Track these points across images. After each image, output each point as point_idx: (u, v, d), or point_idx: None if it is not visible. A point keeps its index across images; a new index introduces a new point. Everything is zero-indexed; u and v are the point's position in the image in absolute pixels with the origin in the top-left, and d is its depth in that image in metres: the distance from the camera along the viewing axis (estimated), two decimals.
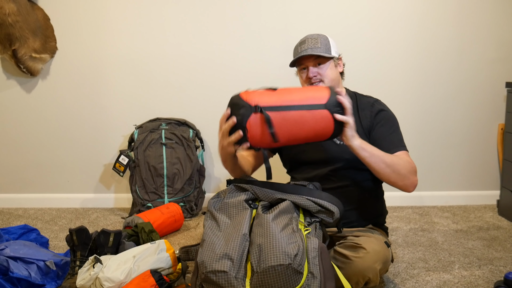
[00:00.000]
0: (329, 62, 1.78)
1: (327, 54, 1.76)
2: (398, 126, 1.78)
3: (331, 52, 1.79)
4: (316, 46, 1.77)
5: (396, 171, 1.59)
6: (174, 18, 2.74)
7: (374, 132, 1.73)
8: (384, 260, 1.59)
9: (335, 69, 1.81)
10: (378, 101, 1.82)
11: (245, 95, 1.48)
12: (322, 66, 1.77)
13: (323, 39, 1.81)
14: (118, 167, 2.68)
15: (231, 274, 1.35)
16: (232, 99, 1.50)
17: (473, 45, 2.73)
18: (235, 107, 1.47)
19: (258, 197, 1.58)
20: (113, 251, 1.81)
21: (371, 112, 1.75)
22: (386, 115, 1.77)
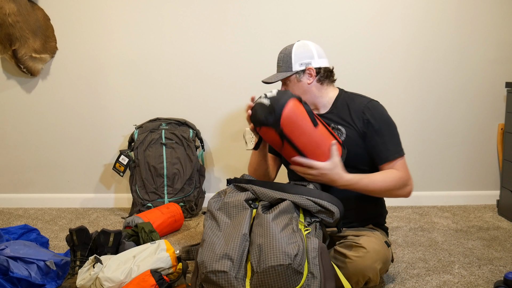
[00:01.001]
0: (292, 78, 1.79)
1: (281, 76, 1.79)
2: (392, 129, 1.75)
3: (291, 68, 1.78)
4: (279, 66, 1.82)
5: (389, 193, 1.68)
6: (174, 19, 2.74)
7: (368, 140, 1.72)
8: (384, 260, 1.59)
9: (299, 84, 1.79)
10: (370, 104, 1.76)
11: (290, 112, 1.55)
12: (287, 84, 1.82)
13: (285, 56, 1.80)
14: (118, 167, 2.68)
15: (231, 274, 1.35)
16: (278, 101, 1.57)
17: (473, 45, 2.73)
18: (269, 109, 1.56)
19: (258, 197, 1.58)
20: (113, 251, 1.81)
21: (363, 119, 1.72)
22: (379, 120, 1.72)
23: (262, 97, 1.60)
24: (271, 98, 1.57)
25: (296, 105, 1.57)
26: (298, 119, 1.56)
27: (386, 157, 1.69)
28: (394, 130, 1.75)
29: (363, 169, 1.72)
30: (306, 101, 1.78)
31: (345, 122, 1.74)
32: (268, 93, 1.60)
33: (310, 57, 1.78)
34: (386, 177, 1.65)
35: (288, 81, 1.80)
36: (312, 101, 1.80)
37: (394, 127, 1.75)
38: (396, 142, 1.73)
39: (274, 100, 1.56)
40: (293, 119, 1.55)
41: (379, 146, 1.70)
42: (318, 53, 1.81)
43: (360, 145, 1.71)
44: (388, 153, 1.69)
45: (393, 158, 1.69)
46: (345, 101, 1.79)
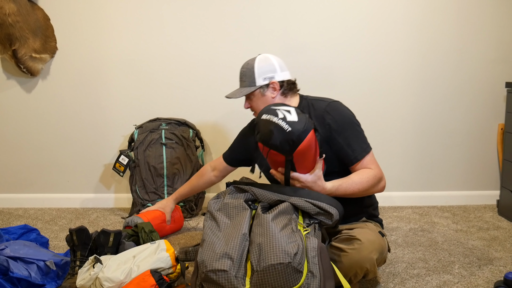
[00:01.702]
0: (256, 93, 1.81)
1: (245, 91, 1.81)
2: (355, 127, 1.74)
3: (255, 83, 1.80)
4: (242, 80, 1.84)
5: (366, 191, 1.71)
6: (174, 19, 2.74)
7: (333, 142, 1.72)
8: (380, 250, 1.59)
9: (263, 98, 1.81)
10: (329, 107, 1.76)
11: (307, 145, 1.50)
12: (251, 98, 1.84)
13: (248, 71, 1.82)
14: (118, 167, 2.68)
15: (231, 273, 1.36)
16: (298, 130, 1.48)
17: (473, 45, 2.73)
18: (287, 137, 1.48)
19: (257, 198, 1.58)
20: (113, 251, 1.81)
21: (324, 124, 1.73)
22: (339, 122, 1.72)
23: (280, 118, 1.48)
24: (291, 124, 1.47)
25: (313, 136, 1.52)
26: (310, 150, 1.52)
27: (354, 157, 1.71)
28: (357, 129, 1.75)
29: (335, 171, 1.74)
30: None
31: None
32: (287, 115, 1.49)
33: (273, 71, 1.80)
34: (362, 178, 1.68)
35: (252, 96, 1.83)
36: None
37: (356, 125, 1.76)
38: (361, 140, 1.74)
39: (294, 127, 1.47)
40: (306, 151, 1.51)
41: (345, 148, 1.71)
42: (280, 67, 1.83)
43: (326, 150, 1.72)
44: (355, 153, 1.71)
45: (361, 157, 1.71)
46: (305, 109, 1.80)
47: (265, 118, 1.51)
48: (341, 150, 1.72)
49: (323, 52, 2.72)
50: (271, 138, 1.48)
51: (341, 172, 1.73)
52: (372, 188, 1.71)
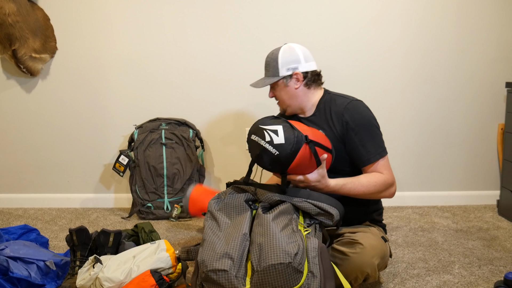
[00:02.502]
0: (279, 83, 1.79)
1: (268, 81, 1.79)
2: (373, 129, 1.72)
3: (278, 73, 1.77)
4: (266, 70, 1.82)
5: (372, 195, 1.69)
6: (174, 19, 2.74)
7: (348, 141, 1.71)
8: (381, 255, 1.59)
9: (286, 88, 1.78)
10: (350, 105, 1.74)
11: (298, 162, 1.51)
12: (275, 88, 1.82)
13: (272, 61, 1.79)
14: (118, 167, 2.68)
15: (231, 273, 1.35)
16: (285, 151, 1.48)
17: (473, 45, 2.73)
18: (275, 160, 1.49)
19: (258, 198, 1.58)
20: (113, 251, 1.81)
21: (342, 122, 1.72)
22: (358, 121, 1.71)
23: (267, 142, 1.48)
24: (278, 147, 1.47)
25: (305, 150, 1.50)
26: (305, 162, 1.52)
27: (367, 159, 1.69)
28: (374, 131, 1.73)
29: (344, 171, 1.73)
30: (292, 106, 1.81)
31: (326, 126, 1.75)
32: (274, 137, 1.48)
33: (296, 61, 1.77)
34: (370, 181, 1.66)
35: (276, 86, 1.81)
36: (299, 105, 1.81)
37: (375, 127, 1.73)
38: (377, 143, 1.71)
39: (282, 150, 1.46)
40: (300, 165, 1.51)
41: (359, 148, 1.70)
42: (305, 57, 1.79)
43: (340, 148, 1.71)
44: (368, 155, 1.69)
45: (374, 159, 1.69)
46: (327, 103, 1.79)
47: (254, 140, 1.53)
48: (355, 150, 1.70)
49: (323, 51, 2.71)
50: (262, 161, 1.51)
51: (351, 173, 1.72)
52: (380, 193, 1.69)
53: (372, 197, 1.71)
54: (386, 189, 1.70)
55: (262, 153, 1.50)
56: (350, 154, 1.72)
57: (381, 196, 1.72)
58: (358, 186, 1.64)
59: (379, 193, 1.69)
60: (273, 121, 1.54)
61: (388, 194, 1.72)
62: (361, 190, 1.65)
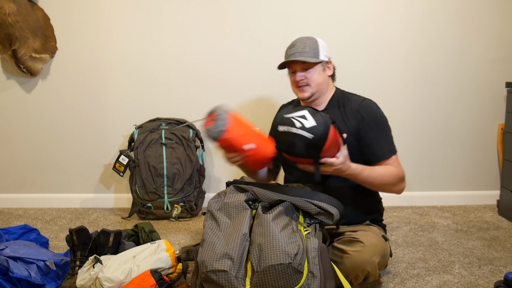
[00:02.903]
0: (317, 66, 1.78)
1: (313, 59, 1.76)
2: (386, 127, 1.77)
3: (319, 56, 1.78)
4: (304, 51, 1.77)
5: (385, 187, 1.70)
6: (174, 19, 2.74)
7: (363, 137, 1.73)
8: (382, 254, 1.59)
9: (323, 73, 1.79)
10: (365, 102, 1.78)
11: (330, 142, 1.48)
12: (309, 70, 1.78)
13: (312, 43, 1.79)
14: (118, 167, 2.68)
15: (231, 274, 1.35)
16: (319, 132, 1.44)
17: (473, 45, 2.73)
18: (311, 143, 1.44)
19: (258, 198, 1.58)
20: (113, 251, 1.81)
21: (357, 118, 1.74)
22: (373, 118, 1.75)
23: (299, 128, 1.44)
24: (311, 130, 1.43)
25: (332, 131, 1.47)
26: (335, 142, 1.50)
27: (381, 154, 1.72)
28: (387, 128, 1.78)
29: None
30: (320, 92, 1.80)
31: (339, 120, 1.76)
32: (305, 122, 1.44)
33: (328, 51, 1.83)
34: (386, 172, 1.68)
35: (312, 68, 1.77)
36: (323, 94, 1.82)
37: (387, 125, 1.78)
38: (390, 140, 1.76)
39: (316, 132, 1.43)
40: (331, 146, 1.49)
41: (374, 144, 1.72)
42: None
43: (353, 145, 1.72)
44: (383, 151, 1.72)
45: (388, 155, 1.72)
46: (341, 99, 1.81)
47: (283, 130, 1.47)
48: (369, 146, 1.72)
49: None
50: (295, 149, 1.45)
51: None
52: (392, 186, 1.70)
53: (384, 189, 1.71)
54: (399, 183, 1.72)
55: (295, 140, 1.44)
56: (364, 150, 1.73)
57: (392, 190, 1.72)
58: (374, 174, 1.65)
59: (392, 186, 1.70)
60: (295, 108, 1.50)
61: (398, 189, 1.73)
62: (378, 179, 1.66)
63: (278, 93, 2.75)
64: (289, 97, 2.05)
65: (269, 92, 2.78)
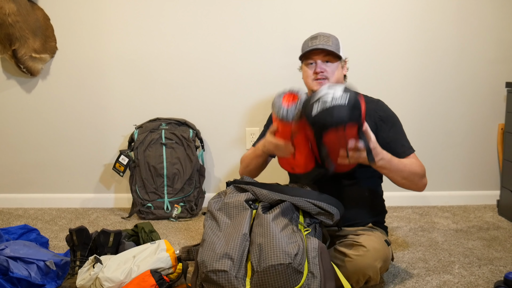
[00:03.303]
0: (338, 62, 1.82)
1: (337, 53, 1.80)
2: (401, 126, 1.81)
3: (340, 52, 1.82)
4: (327, 44, 1.79)
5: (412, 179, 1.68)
6: (174, 18, 2.74)
7: (382, 135, 1.72)
8: (384, 258, 1.59)
9: (341, 70, 1.84)
10: (381, 102, 1.83)
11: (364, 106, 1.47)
12: (330, 64, 1.80)
13: (334, 39, 1.84)
14: (118, 167, 2.68)
15: (231, 274, 1.35)
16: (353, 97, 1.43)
17: (473, 45, 2.73)
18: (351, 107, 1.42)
19: (258, 198, 1.58)
20: (113, 251, 1.81)
21: (375, 116, 1.75)
22: (391, 118, 1.78)
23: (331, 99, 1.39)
24: (343, 97, 1.39)
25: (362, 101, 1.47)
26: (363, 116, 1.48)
27: (403, 151, 1.72)
28: (402, 128, 1.81)
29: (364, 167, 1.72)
30: None
31: None
32: (333, 92, 1.41)
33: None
34: (412, 163, 1.69)
35: (332, 62, 1.79)
36: None
37: (401, 125, 1.82)
38: (407, 139, 1.78)
39: (348, 96, 1.40)
40: (364, 117, 1.47)
41: (395, 141, 1.73)
42: None
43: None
44: (404, 148, 1.73)
45: (409, 152, 1.74)
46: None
47: (319, 110, 1.40)
48: (390, 144, 1.70)
49: None
50: (340, 118, 1.38)
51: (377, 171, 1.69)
52: (419, 178, 1.69)
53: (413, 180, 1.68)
54: (422, 178, 1.72)
55: (335, 111, 1.38)
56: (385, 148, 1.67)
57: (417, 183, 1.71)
58: (400, 165, 1.64)
59: (419, 178, 1.69)
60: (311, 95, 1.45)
61: (421, 185, 1.73)
62: (407, 167, 1.65)
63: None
64: None
65: (269, 93, 2.78)
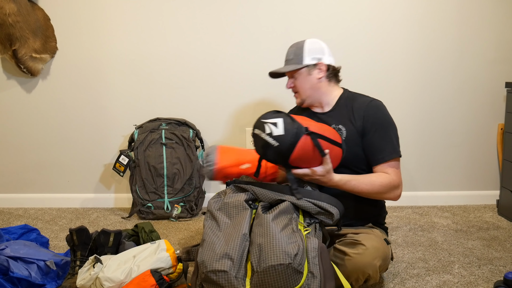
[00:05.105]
0: (301, 72, 1.80)
1: (292, 67, 1.79)
2: (391, 130, 1.74)
3: (302, 61, 1.78)
4: (289, 58, 1.82)
5: (376, 195, 1.69)
6: (174, 19, 2.74)
7: (366, 137, 1.72)
8: (383, 257, 1.59)
9: (309, 77, 1.79)
10: (372, 103, 1.77)
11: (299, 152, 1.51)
12: (296, 77, 1.81)
13: (297, 49, 1.81)
14: (118, 167, 2.68)
15: (231, 274, 1.35)
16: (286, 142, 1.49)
17: (473, 45, 2.73)
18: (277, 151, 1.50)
19: (258, 197, 1.58)
20: (113, 251, 1.82)
21: (363, 117, 1.73)
22: (378, 120, 1.73)
23: (267, 134, 1.49)
24: (278, 138, 1.48)
25: (306, 141, 1.50)
26: (307, 154, 1.52)
27: (381, 157, 1.70)
28: (392, 131, 1.75)
29: (361, 170, 1.73)
30: (312, 97, 1.81)
31: (346, 121, 1.75)
32: (274, 129, 1.49)
33: (321, 52, 1.80)
34: (376, 180, 1.67)
35: (297, 75, 1.81)
36: (318, 98, 1.81)
37: (393, 128, 1.76)
38: (393, 144, 1.73)
39: (282, 141, 1.48)
40: (302, 156, 1.52)
41: (374, 145, 1.71)
42: (328, 51, 1.83)
43: (358, 144, 1.72)
44: (382, 154, 1.70)
45: (389, 158, 1.70)
46: (348, 100, 1.80)
47: (256, 133, 1.55)
48: (370, 147, 1.71)
49: None
50: (265, 153, 1.53)
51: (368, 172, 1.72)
52: (384, 194, 1.69)
53: (376, 197, 1.71)
54: (391, 191, 1.70)
55: (264, 145, 1.51)
56: (365, 151, 1.72)
57: (385, 197, 1.72)
58: (362, 184, 1.65)
59: (383, 194, 1.69)
60: (274, 114, 1.55)
61: (392, 196, 1.72)
62: (365, 188, 1.65)
63: (278, 94, 2.75)
64: (288, 98, 2.06)
65: (269, 93, 2.78)
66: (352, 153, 1.71)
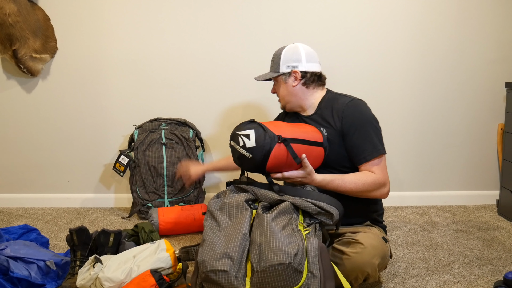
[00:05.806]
0: (279, 80, 1.87)
1: (268, 75, 1.88)
2: (371, 128, 1.73)
3: (279, 69, 1.84)
4: (271, 65, 1.90)
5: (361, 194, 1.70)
6: (174, 19, 2.74)
7: (346, 139, 1.74)
8: (382, 255, 1.59)
9: (285, 85, 1.85)
10: (351, 103, 1.77)
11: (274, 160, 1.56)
12: (276, 83, 1.90)
13: (275, 56, 1.88)
14: (118, 167, 2.68)
15: (231, 273, 1.36)
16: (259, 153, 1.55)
17: (473, 45, 2.73)
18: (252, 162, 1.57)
19: (258, 198, 1.59)
20: (113, 251, 1.82)
21: (342, 118, 1.75)
22: (356, 119, 1.73)
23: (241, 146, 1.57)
24: (250, 150, 1.54)
25: (279, 149, 1.56)
26: (282, 161, 1.58)
27: (363, 157, 1.71)
28: (373, 130, 1.73)
29: (345, 167, 1.75)
30: (291, 102, 1.86)
31: (326, 124, 1.78)
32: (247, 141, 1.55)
33: (297, 60, 1.83)
34: (359, 179, 1.67)
35: (276, 81, 1.89)
36: (297, 103, 1.86)
37: (374, 126, 1.74)
38: (374, 142, 1.72)
39: (254, 153, 1.54)
40: (277, 164, 1.58)
41: (356, 146, 1.72)
42: (307, 58, 1.84)
43: (341, 144, 1.74)
44: (364, 153, 1.71)
45: (370, 158, 1.70)
46: (329, 102, 1.82)
47: (232, 145, 1.63)
48: (352, 147, 1.72)
49: (323, 52, 2.72)
50: (241, 164, 1.61)
51: (352, 170, 1.74)
52: (370, 192, 1.70)
53: (362, 195, 1.71)
54: (377, 189, 1.70)
55: (240, 157, 1.59)
56: (347, 151, 1.74)
57: (372, 196, 1.72)
58: (346, 183, 1.66)
59: (369, 192, 1.70)
60: (247, 125, 1.60)
61: (379, 194, 1.72)
62: (349, 187, 1.66)
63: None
64: None
65: (269, 93, 2.78)
66: (335, 153, 1.74)
